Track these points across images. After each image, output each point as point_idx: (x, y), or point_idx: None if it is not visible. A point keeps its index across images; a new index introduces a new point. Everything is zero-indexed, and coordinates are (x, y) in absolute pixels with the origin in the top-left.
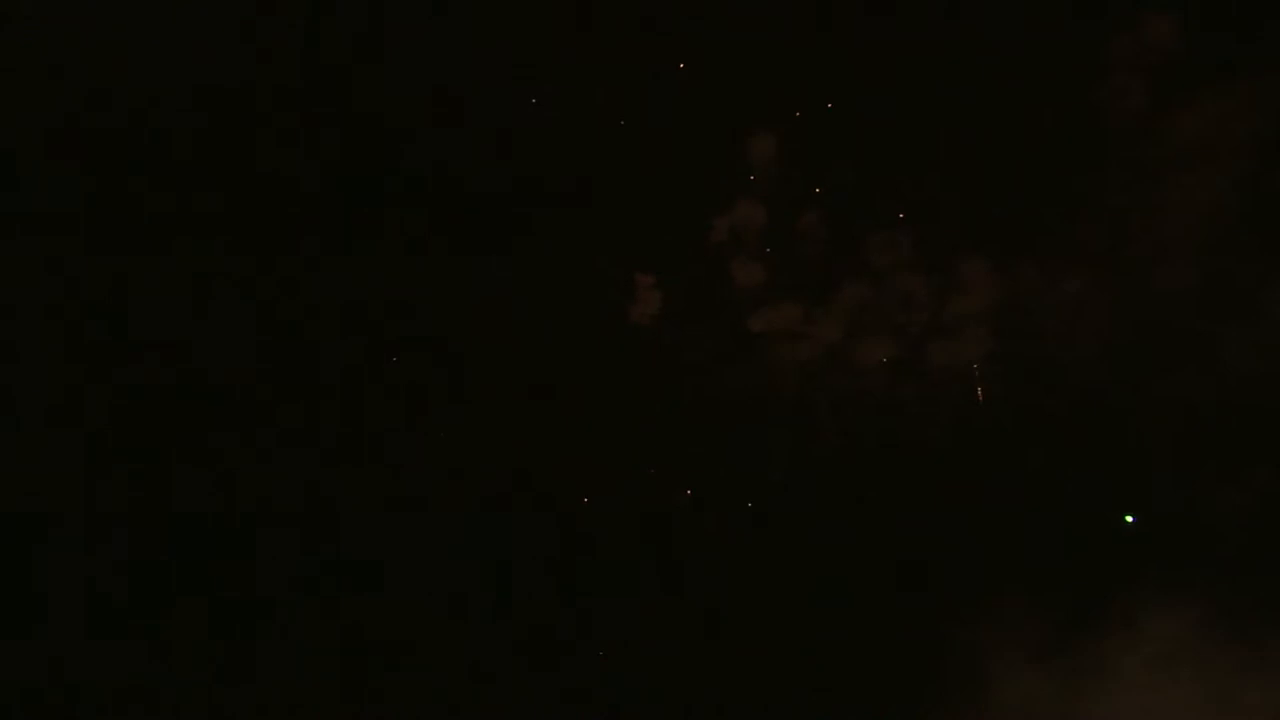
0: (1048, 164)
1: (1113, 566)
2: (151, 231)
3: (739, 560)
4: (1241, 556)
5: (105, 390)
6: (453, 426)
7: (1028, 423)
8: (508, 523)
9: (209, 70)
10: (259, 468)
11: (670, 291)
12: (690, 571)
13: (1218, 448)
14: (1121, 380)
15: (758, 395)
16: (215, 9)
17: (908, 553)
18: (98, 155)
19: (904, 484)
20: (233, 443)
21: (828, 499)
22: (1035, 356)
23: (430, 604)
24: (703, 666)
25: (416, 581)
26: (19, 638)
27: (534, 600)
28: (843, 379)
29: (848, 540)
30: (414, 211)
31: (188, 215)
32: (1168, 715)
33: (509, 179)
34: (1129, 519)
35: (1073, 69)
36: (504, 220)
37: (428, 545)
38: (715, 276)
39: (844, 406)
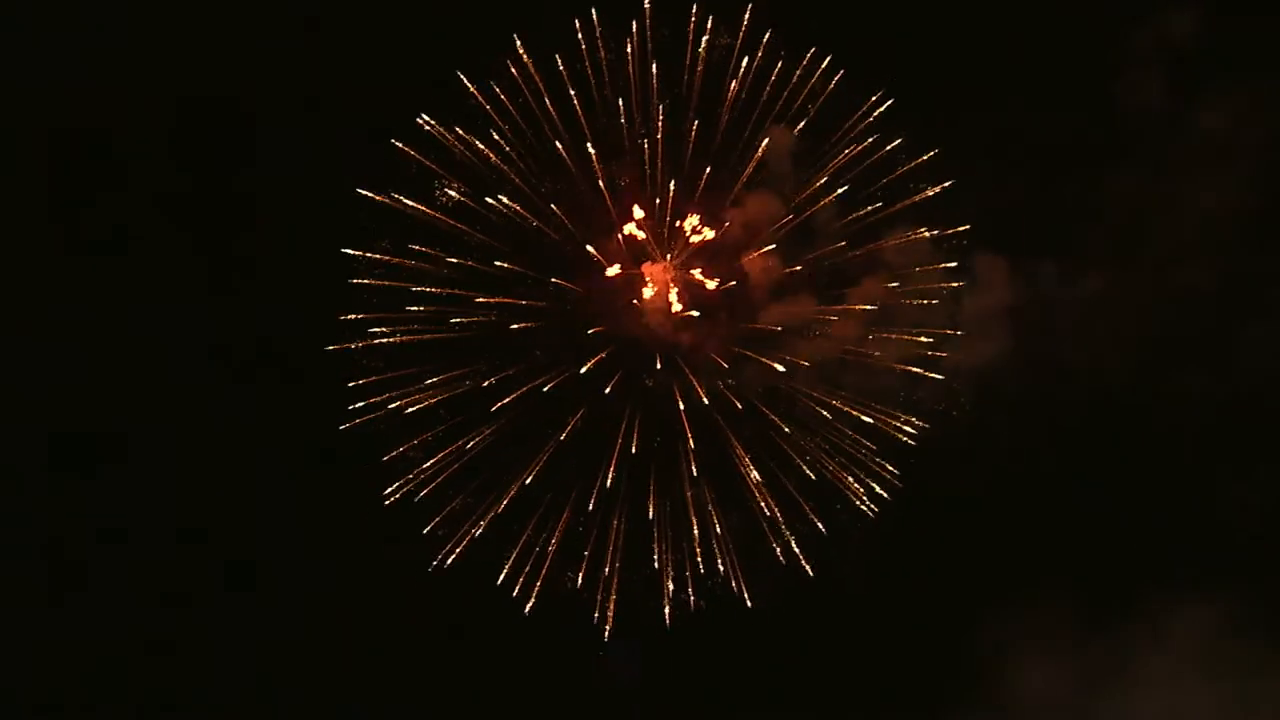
0: (1065, 163)
1: (1129, 563)
2: None
3: (746, 559)
4: (1255, 555)
5: None
6: None
7: (1045, 420)
8: None
9: None
10: None
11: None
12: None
13: (1232, 446)
14: (1137, 378)
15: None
16: None
17: (924, 551)
18: None
19: (919, 482)
20: None
21: (842, 497)
22: (1053, 355)
23: None
24: (713, 664)
25: None
26: None
27: None
28: (859, 377)
29: (861, 539)
30: None
31: None
32: (1180, 711)
33: None
34: None
35: (1089, 67)
36: None
37: None
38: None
39: (861, 404)
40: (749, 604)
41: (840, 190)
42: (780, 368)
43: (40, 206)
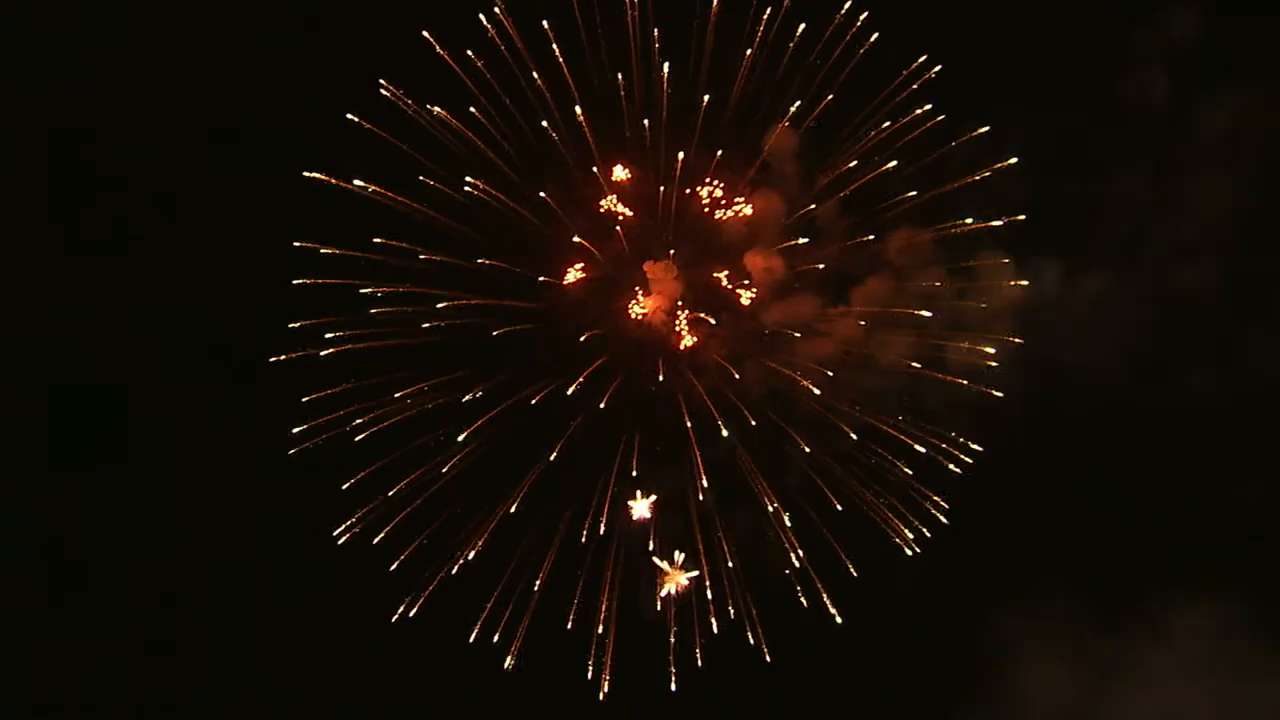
0: (1067, 161)
1: (1130, 563)
2: None
3: (749, 558)
4: (1255, 555)
5: None
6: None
7: (1048, 420)
8: None
9: None
10: None
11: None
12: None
13: (1233, 446)
14: (1141, 378)
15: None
16: None
17: (928, 550)
18: None
19: (923, 481)
20: None
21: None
22: (1055, 355)
23: None
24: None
25: None
26: None
27: None
28: (862, 377)
29: (864, 538)
30: None
31: None
32: (1181, 710)
33: None
34: None
35: (1089, 66)
36: None
37: None
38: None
39: (864, 404)
40: (768, 659)
41: (889, 165)
42: (816, 390)
43: (40, 206)
